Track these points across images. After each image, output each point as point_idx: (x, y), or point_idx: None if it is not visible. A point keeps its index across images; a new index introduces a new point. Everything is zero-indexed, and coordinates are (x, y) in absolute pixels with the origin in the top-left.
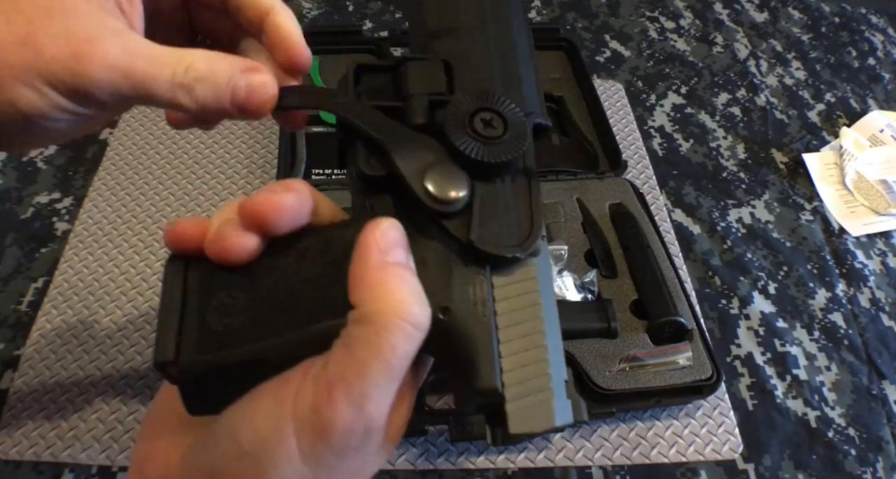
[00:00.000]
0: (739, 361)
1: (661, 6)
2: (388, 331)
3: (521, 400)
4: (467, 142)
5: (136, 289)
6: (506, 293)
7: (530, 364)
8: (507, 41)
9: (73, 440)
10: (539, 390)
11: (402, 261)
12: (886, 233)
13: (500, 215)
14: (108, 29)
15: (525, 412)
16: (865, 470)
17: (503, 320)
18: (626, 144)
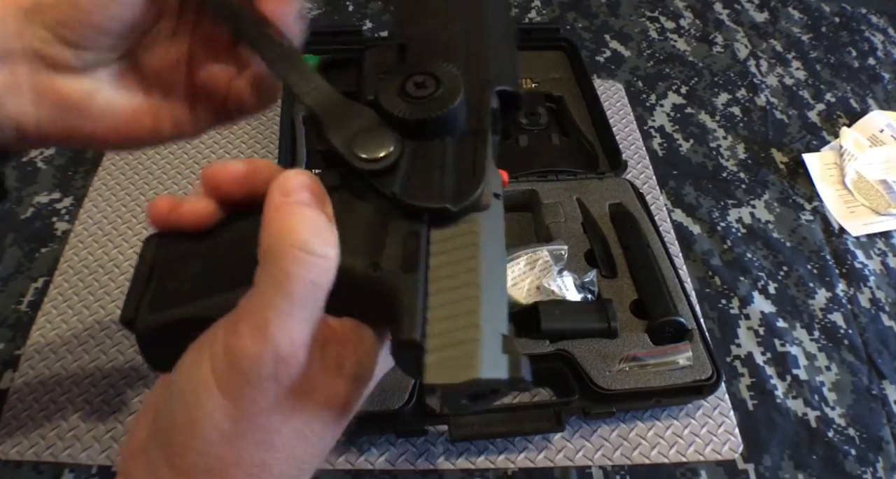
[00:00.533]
0: (739, 361)
1: (661, 6)
2: (280, 259)
3: (443, 351)
4: (395, 102)
5: None
6: (443, 247)
7: (458, 316)
8: (474, 18)
9: (73, 440)
10: (464, 342)
11: (304, 200)
12: (886, 233)
13: (434, 171)
14: None
15: (445, 363)
16: (865, 470)
17: (436, 274)
18: (626, 144)
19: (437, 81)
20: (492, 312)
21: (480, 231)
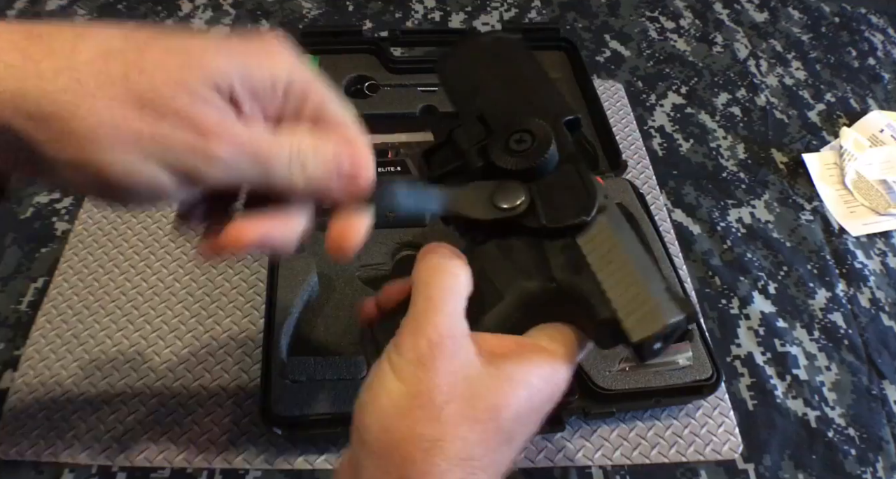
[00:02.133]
0: (739, 361)
1: (661, 6)
2: (420, 278)
3: (633, 315)
4: (508, 160)
5: (136, 289)
6: (591, 248)
7: (628, 288)
8: (519, 74)
9: (73, 440)
10: (643, 303)
11: (441, 249)
12: (886, 233)
13: (560, 198)
14: (230, 114)
15: (638, 323)
16: (865, 470)
17: (597, 266)
18: (626, 144)
19: (530, 134)
20: (649, 276)
21: (610, 225)
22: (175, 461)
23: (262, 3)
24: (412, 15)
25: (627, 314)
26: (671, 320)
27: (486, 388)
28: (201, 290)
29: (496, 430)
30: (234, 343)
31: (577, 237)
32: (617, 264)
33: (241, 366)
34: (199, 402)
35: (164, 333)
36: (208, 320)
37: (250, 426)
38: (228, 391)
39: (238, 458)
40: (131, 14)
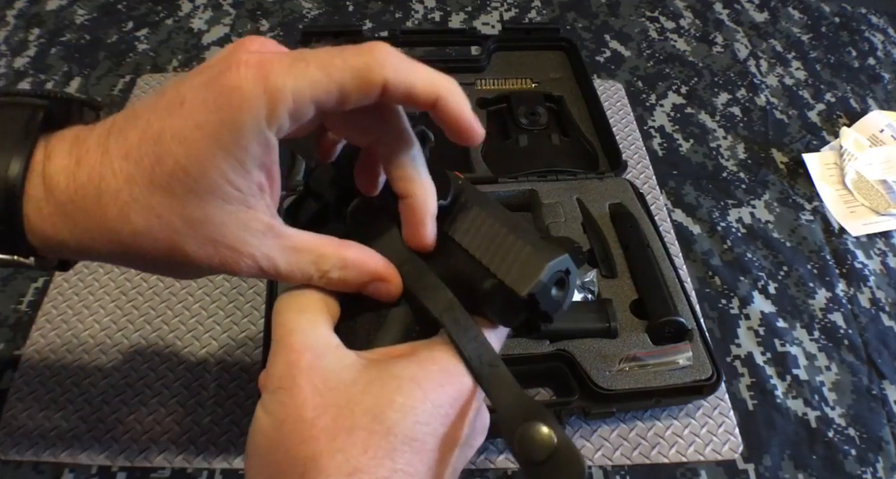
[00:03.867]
0: (739, 361)
1: (661, 6)
2: (274, 323)
3: (511, 270)
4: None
5: (137, 289)
6: (456, 228)
7: (500, 248)
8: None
9: (73, 440)
10: (519, 256)
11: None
12: (886, 233)
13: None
14: (251, 231)
15: (520, 274)
16: (865, 470)
17: (467, 242)
18: (626, 144)
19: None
20: (518, 231)
21: (470, 202)
22: (175, 461)
23: (262, 3)
24: (412, 15)
25: (506, 272)
26: (552, 261)
27: (364, 392)
28: (201, 290)
29: (385, 434)
30: (234, 343)
31: (447, 229)
32: (484, 232)
33: (241, 366)
34: (199, 402)
35: (164, 333)
36: (208, 320)
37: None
38: (228, 391)
39: (238, 458)
40: (131, 14)
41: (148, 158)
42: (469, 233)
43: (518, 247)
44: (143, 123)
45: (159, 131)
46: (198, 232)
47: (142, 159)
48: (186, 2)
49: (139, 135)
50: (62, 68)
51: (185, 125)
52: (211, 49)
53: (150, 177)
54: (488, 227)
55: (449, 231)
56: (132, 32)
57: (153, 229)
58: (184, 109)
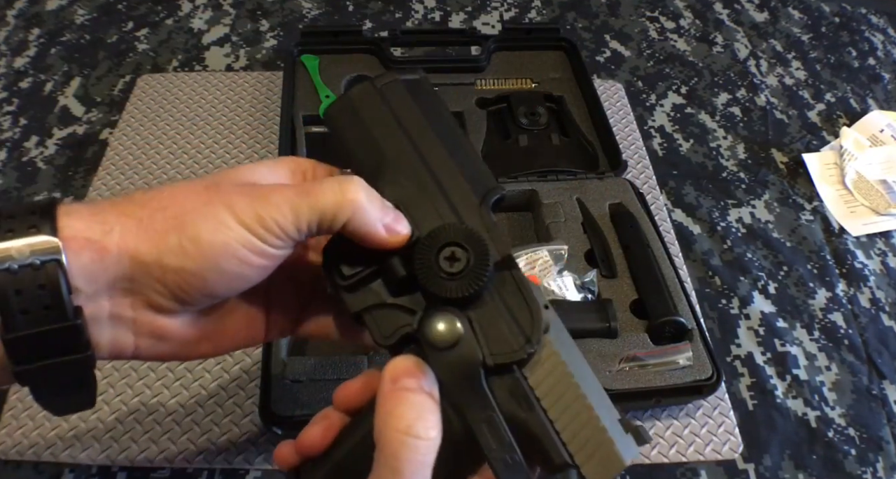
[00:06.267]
0: (739, 361)
1: (661, 6)
2: (389, 443)
3: (591, 459)
4: (442, 286)
5: None
6: (539, 378)
7: (584, 427)
8: (431, 145)
9: (73, 440)
10: (601, 444)
11: (411, 386)
12: (886, 233)
13: (502, 323)
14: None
15: (598, 467)
16: (865, 470)
17: (547, 401)
18: (626, 144)
19: (463, 249)
20: (602, 408)
21: (559, 350)
22: (175, 461)
23: (262, 3)
24: (412, 15)
25: (586, 459)
26: (630, 458)
27: None
28: None
29: None
30: None
31: (524, 369)
32: (568, 399)
33: (241, 366)
34: (199, 402)
35: None
36: None
37: (250, 426)
38: (228, 391)
39: (238, 458)
40: (131, 14)
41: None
42: (550, 389)
43: (600, 435)
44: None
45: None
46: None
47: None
48: (186, 2)
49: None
50: (62, 68)
51: None
52: (211, 49)
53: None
54: (572, 393)
55: (528, 374)
56: (132, 32)
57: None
58: None
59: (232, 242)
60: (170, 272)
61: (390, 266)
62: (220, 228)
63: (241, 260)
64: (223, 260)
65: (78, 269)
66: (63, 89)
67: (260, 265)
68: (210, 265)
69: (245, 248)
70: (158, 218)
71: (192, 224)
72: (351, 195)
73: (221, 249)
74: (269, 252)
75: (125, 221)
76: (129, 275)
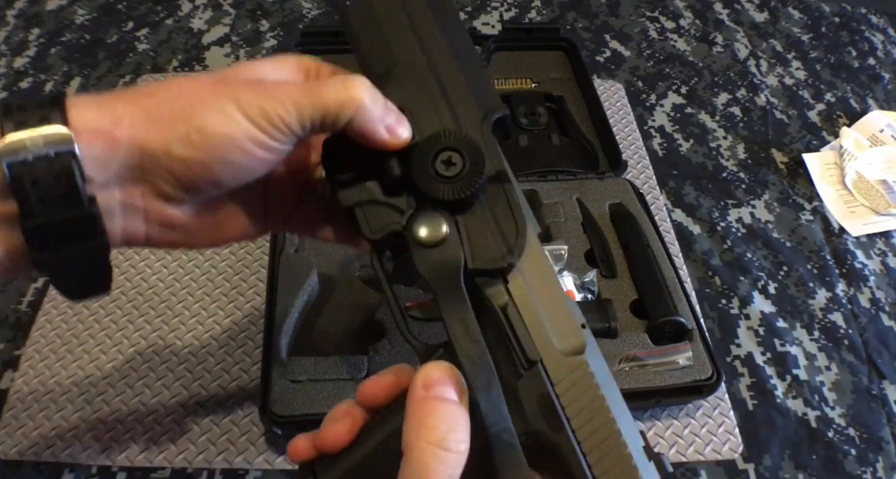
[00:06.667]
0: (739, 361)
1: (661, 6)
2: (420, 454)
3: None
4: (435, 187)
5: (137, 289)
6: (571, 397)
7: (611, 452)
8: (443, 56)
9: (73, 440)
10: (625, 471)
11: (442, 395)
12: (886, 233)
13: (488, 232)
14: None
15: None
16: (865, 470)
17: (576, 423)
18: (626, 144)
19: (460, 154)
20: (629, 434)
21: (594, 371)
22: (175, 461)
23: (262, 3)
24: None
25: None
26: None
27: None
28: (201, 290)
29: None
30: (234, 343)
31: (556, 381)
32: (598, 422)
33: (241, 366)
34: (199, 402)
35: (164, 333)
36: (208, 320)
37: (250, 426)
38: (228, 391)
39: (238, 458)
40: (131, 14)
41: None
42: (580, 410)
43: (625, 460)
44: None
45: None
46: (241, 72)
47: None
48: (186, 2)
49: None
50: (62, 68)
51: None
52: (211, 49)
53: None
54: (602, 417)
55: (560, 393)
56: (132, 32)
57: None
58: None
59: (237, 134)
60: (177, 162)
61: (387, 165)
62: (226, 120)
63: (245, 152)
64: (228, 151)
65: (90, 159)
66: (63, 89)
67: (263, 158)
68: (216, 156)
69: (249, 140)
70: (166, 108)
71: (200, 116)
72: (354, 94)
73: (227, 140)
74: (272, 146)
75: (134, 111)
76: (138, 164)
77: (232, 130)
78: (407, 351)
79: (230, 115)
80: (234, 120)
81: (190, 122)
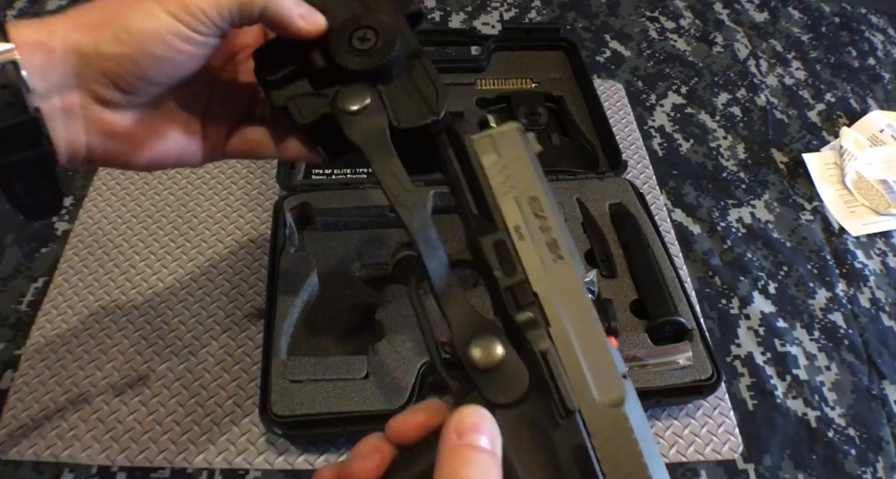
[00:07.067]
0: (739, 361)
1: (661, 6)
2: None
3: None
4: (351, 59)
5: (137, 289)
6: (607, 451)
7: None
8: None
9: (73, 440)
10: None
11: (475, 443)
12: (886, 233)
13: (409, 98)
14: None
15: None
16: (865, 470)
17: (612, 477)
18: (626, 144)
19: (374, 31)
20: (651, 456)
21: (633, 425)
22: (175, 461)
23: None
24: None
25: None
26: None
27: None
28: (201, 290)
29: None
30: (234, 343)
31: (591, 425)
32: (630, 466)
33: (241, 366)
34: (199, 402)
35: (164, 333)
36: (208, 319)
37: (250, 426)
38: (228, 391)
39: (238, 458)
40: None
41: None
42: (611, 455)
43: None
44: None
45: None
46: None
47: None
48: None
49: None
50: None
51: None
52: None
53: None
54: (634, 461)
55: (596, 443)
56: None
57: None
58: None
59: (160, 29)
60: (107, 60)
61: (310, 58)
62: (148, 17)
63: (169, 45)
64: (153, 45)
65: (31, 69)
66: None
67: (188, 52)
68: (142, 50)
69: (171, 33)
70: (95, 14)
71: (125, 16)
72: None
73: (151, 35)
74: (195, 38)
75: (67, 22)
76: (74, 69)
77: (154, 25)
78: (407, 351)
79: (152, 12)
80: (155, 16)
81: (116, 22)
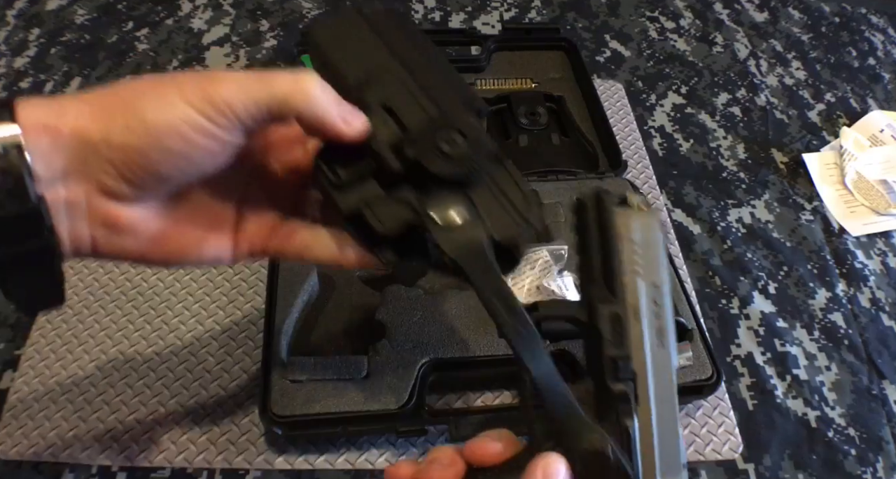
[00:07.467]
0: (739, 361)
1: (661, 6)
2: None
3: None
4: (440, 164)
5: (137, 289)
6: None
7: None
8: (418, 62)
9: (73, 440)
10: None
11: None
12: (886, 233)
13: (500, 206)
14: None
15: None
16: (865, 470)
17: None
18: (626, 144)
19: (460, 133)
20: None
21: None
22: (175, 461)
23: (262, 2)
24: (412, 15)
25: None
26: None
27: None
28: (201, 290)
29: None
30: (234, 343)
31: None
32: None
33: (241, 366)
34: (199, 402)
35: (164, 333)
36: (208, 320)
37: (250, 426)
38: (228, 391)
39: (238, 458)
40: (131, 14)
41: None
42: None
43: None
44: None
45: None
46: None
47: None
48: (186, 2)
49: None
50: (62, 68)
51: None
52: (211, 49)
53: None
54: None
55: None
56: (132, 32)
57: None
58: None
59: (175, 119)
60: (115, 150)
61: (383, 161)
62: (165, 106)
63: (183, 138)
64: (166, 137)
65: (37, 154)
66: (63, 89)
67: (206, 148)
68: (153, 142)
69: (187, 125)
70: (109, 100)
71: (140, 104)
72: (303, 84)
73: (164, 126)
74: (215, 133)
75: (80, 105)
76: (80, 156)
77: (170, 115)
78: (407, 351)
79: (170, 101)
80: (174, 105)
81: (131, 110)
